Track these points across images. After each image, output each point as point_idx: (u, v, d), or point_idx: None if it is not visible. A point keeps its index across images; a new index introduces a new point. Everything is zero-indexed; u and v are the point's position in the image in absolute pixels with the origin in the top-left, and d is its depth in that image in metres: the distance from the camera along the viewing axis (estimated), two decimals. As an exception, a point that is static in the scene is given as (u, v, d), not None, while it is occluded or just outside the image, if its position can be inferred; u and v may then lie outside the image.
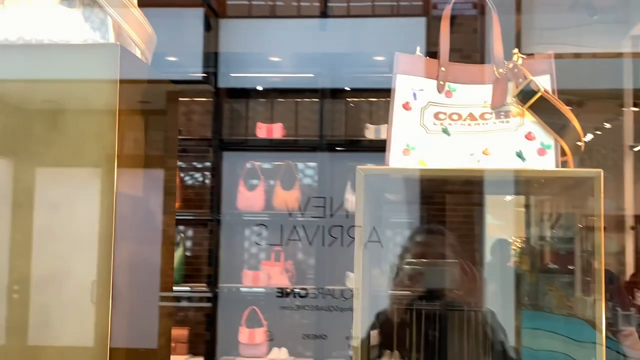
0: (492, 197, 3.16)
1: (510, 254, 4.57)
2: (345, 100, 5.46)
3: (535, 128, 1.97)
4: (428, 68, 2.03)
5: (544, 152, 1.95)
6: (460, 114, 2.01)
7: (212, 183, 5.18)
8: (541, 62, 2.01)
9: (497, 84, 2.01)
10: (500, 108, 2.00)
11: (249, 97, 5.54)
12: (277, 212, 5.08)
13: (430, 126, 2.00)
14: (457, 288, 2.17)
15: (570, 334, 4.44)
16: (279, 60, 5.43)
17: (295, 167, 5.21)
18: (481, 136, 1.98)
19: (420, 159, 1.97)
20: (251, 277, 4.98)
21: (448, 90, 2.03)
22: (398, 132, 1.99)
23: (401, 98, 2.01)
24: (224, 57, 5.26)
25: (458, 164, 1.95)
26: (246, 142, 5.41)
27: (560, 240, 5.74)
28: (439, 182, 2.22)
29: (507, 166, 1.94)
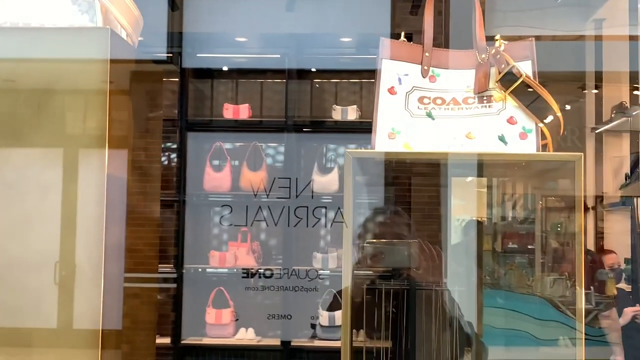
0: (457, 178, 3.22)
1: (478, 235, 4.64)
2: (312, 81, 5.46)
3: (517, 112, 2.04)
4: (412, 53, 2.09)
5: (526, 136, 2.02)
6: (444, 98, 2.07)
7: (178, 164, 5.16)
8: (523, 47, 2.07)
9: (479, 69, 2.07)
10: (482, 93, 2.06)
11: (215, 78, 5.52)
12: (243, 192, 5.08)
13: (415, 110, 2.06)
14: (417, 267, 2.25)
15: (530, 312, 4.53)
16: (244, 40, 5.42)
17: (261, 148, 5.22)
18: (464, 120, 2.04)
19: (405, 142, 2.02)
20: (218, 257, 5.00)
21: (432, 75, 2.09)
22: (383, 116, 2.04)
23: (386, 83, 2.06)
24: (189, 37, 5.23)
25: (442, 148, 2.01)
26: (212, 122, 5.39)
27: (520, 221, 5.86)
28: (409, 164, 2.28)
29: (489, 150, 2.00)
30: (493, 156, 1.99)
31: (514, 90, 2.02)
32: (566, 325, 4.16)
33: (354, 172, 1.99)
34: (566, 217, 5.39)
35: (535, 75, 2.05)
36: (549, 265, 5.04)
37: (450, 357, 2.25)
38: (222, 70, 5.51)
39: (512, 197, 6.00)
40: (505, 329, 4.13)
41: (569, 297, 4.37)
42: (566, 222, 5.36)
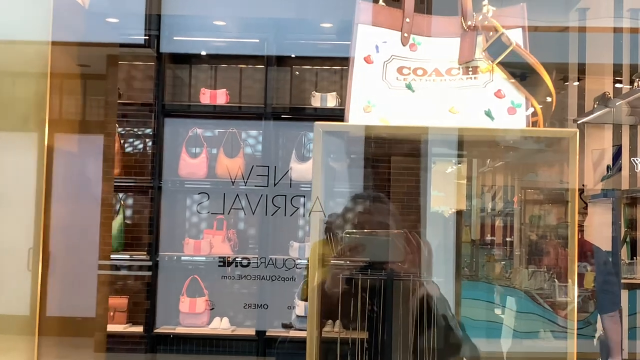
0: (437, 166, 3.02)
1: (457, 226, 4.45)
2: (291, 68, 5.24)
3: (505, 85, 1.79)
4: (391, 19, 1.83)
5: (514, 111, 1.77)
6: (425, 69, 1.82)
7: (153, 150, 4.91)
8: (513, 14, 1.83)
9: (465, 37, 1.82)
10: (468, 63, 1.81)
11: (193, 62, 5.28)
12: (220, 180, 4.86)
13: (394, 82, 1.80)
14: (402, 259, 1.99)
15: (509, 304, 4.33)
16: (223, 24, 5.17)
17: (239, 134, 4.98)
18: (447, 93, 1.79)
19: (381, 117, 1.77)
20: (193, 245, 4.76)
21: (413, 43, 1.84)
22: (358, 87, 1.79)
23: (362, 50, 1.81)
24: (167, 20, 4.98)
25: (422, 123, 1.76)
26: (189, 108, 5.15)
27: (499, 213, 5.65)
28: (387, 143, 2.02)
29: (475, 125, 1.75)
30: (478, 132, 1.74)
31: (502, 61, 1.77)
32: (543, 317, 3.99)
33: (325, 151, 1.74)
34: (545, 210, 5.21)
35: (526, 44, 1.80)
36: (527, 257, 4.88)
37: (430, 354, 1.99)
38: (201, 55, 5.26)
39: (491, 189, 5.81)
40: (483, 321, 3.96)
41: (546, 290, 4.19)
42: (545, 215, 5.18)
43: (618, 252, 4.50)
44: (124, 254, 4.87)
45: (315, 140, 1.70)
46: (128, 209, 5.12)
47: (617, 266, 4.44)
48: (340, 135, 1.82)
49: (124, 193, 5.08)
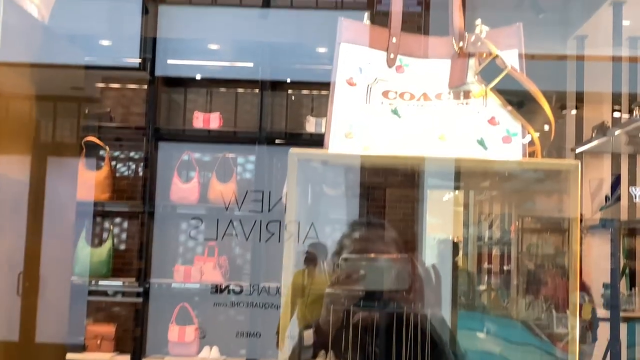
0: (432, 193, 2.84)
1: (453, 254, 4.30)
2: (287, 93, 5.08)
3: (499, 112, 1.61)
4: (377, 38, 1.66)
5: (510, 139, 1.59)
6: (412, 93, 1.64)
7: (145, 174, 4.74)
8: (508, 34, 1.65)
9: (456, 59, 1.64)
10: (459, 87, 1.63)
11: (187, 86, 5.12)
12: (212, 205, 4.69)
13: (378, 106, 1.62)
14: (407, 288, 1.74)
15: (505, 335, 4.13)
16: (218, 48, 5.02)
17: (232, 159, 4.81)
18: (437, 119, 1.61)
19: (365, 144, 1.59)
20: (183, 272, 4.56)
21: (399, 64, 1.66)
22: (340, 111, 1.61)
23: (344, 72, 1.63)
24: (162, 43, 4.84)
25: (409, 151, 1.58)
26: (183, 132, 4.99)
27: (496, 241, 5.46)
28: (381, 173, 1.84)
29: (467, 154, 1.57)
30: (471, 162, 1.55)
31: (497, 85, 1.59)
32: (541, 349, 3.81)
33: (302, 179, 1.56)
34: (542, 239, 5.03)
35: (522, 68, 1.62)
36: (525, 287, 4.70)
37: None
38: (195, 79, 5.10)
39: (488, 217, 5.64)
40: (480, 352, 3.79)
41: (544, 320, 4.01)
42: (542, 244, 5.00)
43: (617, 285, 4.31)
44: (113, 280, 4.67)
45: (290, 168, 1.52)
46: (120, 234, 4.94)
47: (615, 299, 4.25)
48: (317, 167, 1.64)
49: (115, 218, 4.89)
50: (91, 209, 4.65)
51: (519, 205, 5.05)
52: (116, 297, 4.74)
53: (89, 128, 4.73)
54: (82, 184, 4.55)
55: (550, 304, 4.11)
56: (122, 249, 4.88)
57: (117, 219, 4.92)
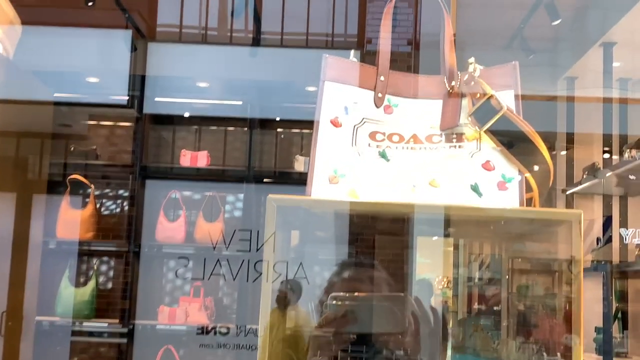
0: (422, 238, 2.70)
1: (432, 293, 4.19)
2: (276, 131, 4.96)
3: (495, 156, 1.47)
4: (364, 76, 1.52)
5: (505, 186, 1.45)
6: (402, 134, 1.50)
7: (131, 212, 4.60)
8: (503, 74, 1.52)
9: (448, 99, 1.51)
10: (451, 129, 1.50)
11: (176, 124, 5.00)
12: (199, 245, 4.54)
13: (365, 148, 1.49)
14: (402, 330, 1.54)
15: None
16: (207, 86, 4.90)
17: (220, 198, 4.67)
18: (428, 163, 1.47)
19: (350, 189, 1.45)
20: (167, 313, 4.39)
21: (388, 104, 1.53)
22: (324, 154, 1.47)
23: (329, 112, 1.50)
24: (151, 81, 4.73)
25: (398, 197, 1.44)
26: (171, 170, 4.86)
27: (487, 282, 5.31)
28: (370, 217, 1.70)
29: (459, 201, 1.43)
30: (464, 211, 1.41)
31: (492, 128, 1.46)
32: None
33: (283, 225, 1.42)
34: (533, 280, 4.91)
35: (519, 109, 1.49)
36: (515, 328, 4.58)
37: None
38: (183, 117, 4.98)
39: (478, 257, 5.52)
40: (470, 395, 3.65)
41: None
42: (533, 285, 4.87)
43: (610, 330, 4.16)
44: (97, 321, 4.50)
45: (268, 214, 1.38)
46: (104, 273, 4.78)
47: (608, 345, 4.10)
48: (301, 209, 1.50)
49: (99, 257, 4.73)
50: (75, 248, 4.50)
51: (509, 247, 4.93)
52: (100, 338, 4.56)
53: (74, 166, 4.60)
54: (66, 222, 4.41)
55: (541, 347, 3.98)
56: (107, 289, 4.72)
57: (102, 258, 4.76)
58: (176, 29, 4.99)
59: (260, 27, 4.98)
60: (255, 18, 4.95)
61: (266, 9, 5.00)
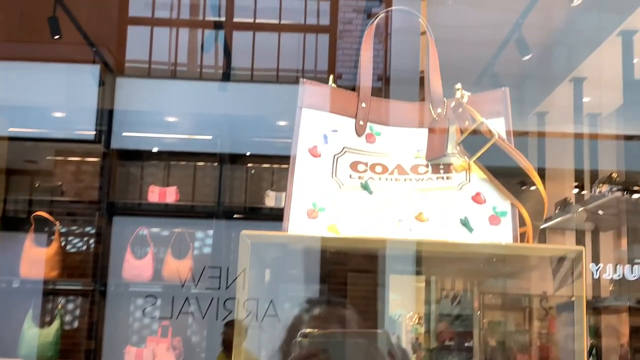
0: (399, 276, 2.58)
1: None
2: (246, 166, 4.83)
3: (485, 188, 1.35)
4: (344, 103, 1.40)
5: (498, 220, 1.33)
6: (385, 165, 1.38)
7: (97, 250, 4.43)
8: (493, 100, 1.40)
9: (434, 127, 1.39)
10: (438, 159, 1.38)
11: (144, 159, 4.85)
12: (167, 282, 4.37)
13: (346, 180, 1.36)
14: None
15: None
16: (176, 121, 4.77)
17: (189, 234, 4.52)
18: (414, 196, 1.34)
19: (330, 224, 1.32)
20: (135, 354, 4.20)
21: (370, 133, 1.40)
22: (302, 186, 1.34)
23: (307, 141, 1.37)
24: (119, 116, 4.58)
25: (383, 232, 1.31)
26: (139, 206, 4.70)
27: (458, 318, 5.21)
28: (348, 253, 1.56)
29: (449, 237, 1.30)
30: (456, 247, 1.28)
31: (482, 157, 1.34)
32: None
33: (257, 263, 1.28)
34: (504, 316, 4.81)
35: (510, 137, 1.37)
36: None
37: None
38: (152, 152, 4.83)
39: (450, 293, 5.42)
40: None
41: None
42: (504, 321, 4.78)
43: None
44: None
45: (242, 251, 1.25)
46: (68, 313, 4.58)
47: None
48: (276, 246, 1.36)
49: (64, 297, 4.54)
50: (39, 287, 4.31)
51: (481, 283, 4.84)
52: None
53: (39, 202, 4.43)
54: (30, 260, 4.23)
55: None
56: (72, 329, 4.52)
57: (67, 297, 4.56)
58: (145, 64, 4.87)
59: (230, 62, 4.89)
60: (226, 53, 4.86)
61: (236, 44, 4.91)
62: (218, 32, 4.89)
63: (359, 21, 4.93)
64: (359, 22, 4.93)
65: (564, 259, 2.08)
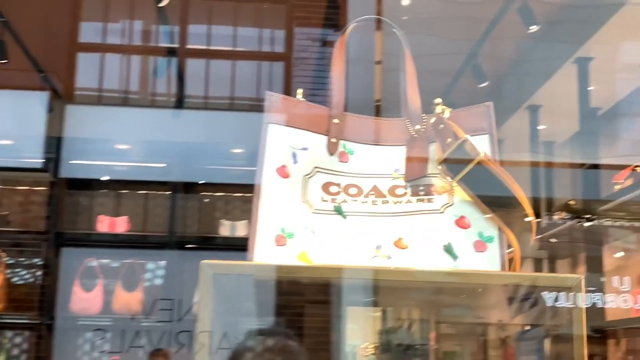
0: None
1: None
2: (200, 195, 4.65)
3: (470, 211, 1.22)
4: (315, 118, 1.26)
5: (484, 246, 1.20)
6: (360, 187, 1.24)
7: (45, 282, 4.20)
8: (476, 115, 1.28)
9: (413, 145, 1.25)
10: (418, 180, 1.24)
11: (94, 188, 4.65)
12: (117, 315, 4.17)
13: (318, 203, 1.21)
14: None
15: None
16: (128, 148, 4.58)
17: (140, 265, 4.32)
18: (392, 220, 1.20)
19: (301, 252, 1.17)
20: (82, 391, 3.98)
21: (343, 151, 1.26)
22: (269, 210, 1.19)
23: (275, 160, 1.22)
24: (68, 143, 4.39)
25: (358, 261, 1.17)
26: (89, 237, 4.48)
27: (411, 348, 5.09)
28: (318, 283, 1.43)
29: (431, 265, 1.16)
30: (440, 276, 1.14)
31: (465, 177, 1.21)
32: None
33: (215, 290, 1.13)
34: (460, 345, 4.70)
35: (495, 155, 1.24)
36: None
37: None
38: (103, 180, 4.63)
39: (405, 322, 5.29)
40: None
41: None
42: (461, 350, 4.67)
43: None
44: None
45: (203, 283, 1.09)
46: (15, 348, 4.33)
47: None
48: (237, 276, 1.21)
49: (9, 331, 4.29)
50: (-18, 322, 4.07)
51: (437, 312, 4.73)
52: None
53: None
54: (-29, 293, 4.00)
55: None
56: (16, 365, 4.28)
57: (12, 332, 4.31)
58: (96, 91, 4.69)
59: (183, 89, 4.74)
60: (179, 79, 4.70)
61: (190, 72, 4.76)
62: (171, 59, 4.74)
63: (315, 49, 4.82)
64: (315, 49, 4.82)
65: (520, 287, 1.97)
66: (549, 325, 3.74)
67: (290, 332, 2.39)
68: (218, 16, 4.84)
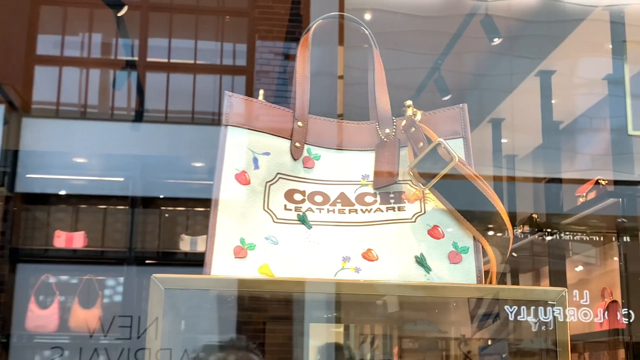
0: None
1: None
2: (159, 210, 4.52)
3: (443, 220, 1.13)
4: (278, 121, 1.16)
5: (459, 257, 1.10)
6: (326, 194, 1.14)
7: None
8: (449, 118, 1.19)
9: (382, 150, 1.16)
10: (388, 187, 1.14)
11: (51, 203, 4.50)
12: (75, 333, 4.03)
13: (280, 212, 1.11)
14: None
15: None
16: (86, 162, 4.45)
17: (98, 282, 4.18)
18: (360, 230, 1.11)
19: (262, 264, 1.07)
20: (37, 412, 3.82)
21: (308, 156, 1.16)
22: (227, 219, 1.08)
23: (234, 165, 1.11)
24: (24, 157, 4.24)
25: (324, 274, 1.06)
26: (45, 252, 4.34)
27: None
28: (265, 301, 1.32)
29: (403, 277, 1.06)
30: (413, 290, 1.05)
31: (438, 184, 1.11)
32: None
33: (170, 305, 1.02)
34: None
35: (470, 160, 1.15)
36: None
37: None
38: (60, 195, 4.49)
39: (368, 337, 5.21)
40: None
41: None
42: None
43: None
44: None
45: (153, 297, 0.98)
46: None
47: None
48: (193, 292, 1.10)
49: (-40, 350, 4.12)
50: None
51: (400, 327, 4.66)
52: None
53: None
54: None
55: None
56: (-33, 387, 4.11)
57: (-37, 351, 4.15)
58: (54, 105, 4.55)
59: (143, 102, 4.61)
60: (139, 93, 4.58)
61: (150, 85, 4.64)
62: (131, 72, 4.62)
63: (277, 62, 4.74)
64: (277, 63, 4.73)
65: (481, 301, 1.88)
66: (521, 340, 3.64)
67: (252, 345, 2.30)
68: (179, 29, 4.74)
